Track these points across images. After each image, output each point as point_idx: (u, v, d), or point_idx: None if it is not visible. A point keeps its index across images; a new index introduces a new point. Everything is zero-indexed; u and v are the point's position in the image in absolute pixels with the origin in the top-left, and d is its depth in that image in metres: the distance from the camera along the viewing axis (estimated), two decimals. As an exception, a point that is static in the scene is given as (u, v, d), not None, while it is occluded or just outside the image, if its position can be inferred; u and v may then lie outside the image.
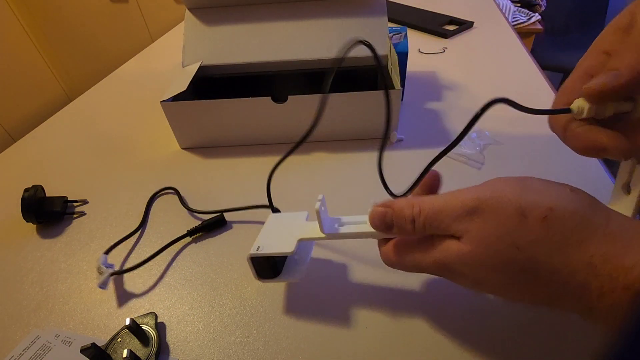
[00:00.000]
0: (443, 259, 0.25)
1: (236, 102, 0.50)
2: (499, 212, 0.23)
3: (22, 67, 0.71)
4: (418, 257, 0.27)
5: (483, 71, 0.68)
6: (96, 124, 0.64)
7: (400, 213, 0.26)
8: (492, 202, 0.23)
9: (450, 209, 0.24)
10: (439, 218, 0.25)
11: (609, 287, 0.20)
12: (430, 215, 0.25)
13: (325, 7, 0.57)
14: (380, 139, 0.54)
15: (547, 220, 0.21)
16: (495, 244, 0.22)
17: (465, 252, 0.24)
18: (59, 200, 0.46)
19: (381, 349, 0.31)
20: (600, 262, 0.20)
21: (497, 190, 0.23)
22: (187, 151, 0.55)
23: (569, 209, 0.22)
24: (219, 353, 0.32)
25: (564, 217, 0.21)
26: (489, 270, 0.23)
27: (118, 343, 0.32)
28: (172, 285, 0.37)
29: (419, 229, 0.26)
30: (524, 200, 0.22)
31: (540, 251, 0.21)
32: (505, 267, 0.23)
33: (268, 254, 0.31)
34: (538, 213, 0.22)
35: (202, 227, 0.42)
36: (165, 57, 0.85)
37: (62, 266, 0.40)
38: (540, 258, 0.21)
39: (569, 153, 0.48)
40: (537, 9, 1.77)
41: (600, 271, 0.20)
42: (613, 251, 0.20)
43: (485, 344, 0.30)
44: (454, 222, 0.24)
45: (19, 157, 0.58)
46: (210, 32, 0.57)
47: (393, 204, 0.27)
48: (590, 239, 0.21)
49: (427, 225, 0.25)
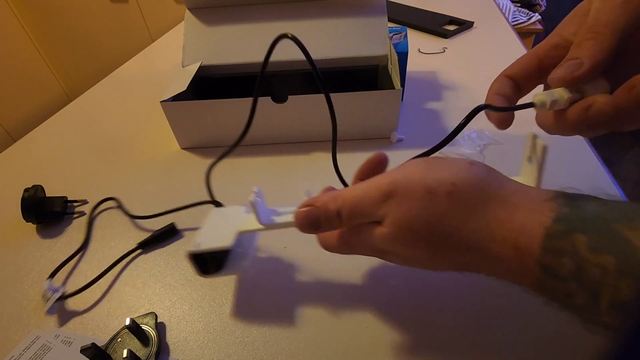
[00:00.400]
0: (372, 243, 0.27)
1: (236, 102, 0.50)
2: (410, 193, 0.24)
3: (22, 67, 0.70)
4: (353, 241, 0.28)
5: (483, 71, 0.68)
6: (96, 124, 0.64)
7: (325, 209, 0.27)
8: (404, 185, 0.25)
9: (369, 197, 0.26)
10: (361, 206, 0.26)
11: (503, 248, 0.22)
12: (353, 205, 0.26)
13: (325, 7, 0.57)
14: (380, 138, 0.54)
15: (452, 195, 0.23)
16: (411, 223, 0.24)
17: (387, 235, 0.25)
18: (59, 200, 0.46)
19: (381, 349, 0.31)
20: (496, 227, 0.22)
21: (407, 173, 0.25)
22: (187, 151, 0.55)
23: (469, 181, 0.24)
24: (219, 353, 0.32)
25: (465, 190, 0.23)
26: (411, 247, 0.25)
27: (118, 343, 0.32)
28: (172, 285, 0.37)
29: (345, 221, 0.27)
30: (430, 179, 0.24)
31: (449, 223, 0.23)
32: (423, 243, 0.24)
33: (207, 250, 0.30)
34: (443, 189, 0.24)
35: (153, 238, 0.41)
36: (165, 57, 0.85)
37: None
38: (451, 230, 0.23)
39: (568, 152, 0.48)
40: (537, 9, 1.77)
41: (496, 235, 0.22)
42: (506, 215, 0.22)
43: (485, 343, 0.30)
44: (374, 209, 0.25)
45: (19, 157, 0.58)
46: (210, 32, 0.57)
47: (316, 201, 0.28)
48: (487, 206, 0.23)
49: (352, 216, 0.27)
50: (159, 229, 0.42)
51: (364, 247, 0.28)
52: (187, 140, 0.55)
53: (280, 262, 0.39)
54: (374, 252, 0.28)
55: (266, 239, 0.41)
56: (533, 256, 0.21)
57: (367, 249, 0.28)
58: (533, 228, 0.21)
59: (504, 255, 0.22)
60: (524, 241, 0.21)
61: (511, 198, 0.23)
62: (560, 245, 0.20)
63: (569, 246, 0.19)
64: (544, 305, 0.23)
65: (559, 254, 0.20)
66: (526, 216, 0.22)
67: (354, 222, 0.27)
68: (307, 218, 0.28)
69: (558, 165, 0.47)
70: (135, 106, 0.67)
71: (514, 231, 0.22)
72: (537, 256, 0.20)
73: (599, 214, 0.20)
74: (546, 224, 0.21)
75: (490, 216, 0.23)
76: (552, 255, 0.20)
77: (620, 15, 0.25)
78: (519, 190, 0.24)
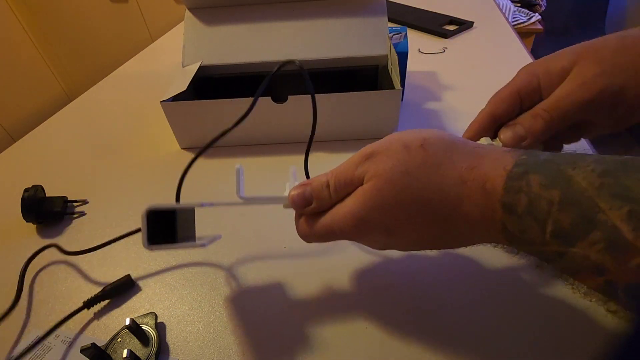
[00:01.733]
0: (353, 209, 0.27)
1: (236, 102, 0.50)
2: (389, 150, 0.27)
3: (22, 67, 0.70)
4: (329, 220, 0.28)
5: (483, 71, 0.68)
6: (96, 124, 0.64)
7: (316, 181, 0.29)
8: (382, 146, 0.27)
9: (352, 162, 0.28)
10: (344, 171, 0.28)
11: (473, 191, 0.24)
12: (337, 173, 0.28)
13: (325, 7, 0.57)
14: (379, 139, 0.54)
15: (424, 146, 0.26)
16: (390, 173, 0.26)
17: (367, 190, 0.26)
18: (59, 200, 0.46)
19: (381, 349, 0.31)
20: (466, 172, 0.24)
21: (385, 138, 0.28)
22: (187, 151, 0.55)
23: (439, 136, 0.27)
24: (219, 353, 0.32)
25: (436, 143, 0.26)
26: (392, 205, 0.26)
27: (118, 343, 0.32)
28: (172, 285, 0.37)
29: (332, 191, 0.28)
30: (406, 137, 0.27)
31: (424, 172, 0.25)
32: (402, 195, 0.25)
33: (169, 207, 0.29)
34: (417, 143, 0.26)
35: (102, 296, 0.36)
36: (165, 57, 0.85)
37: (62, 266, 0.40)
38: (425, 179, 0.25)
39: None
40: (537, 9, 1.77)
41: (466, 179, 0.24)
42: (474, 162, 0.25)
43: (486, 342, 0.30)
44: (357, 170, 0.27)
45: (19, 157, 0.58)
46: (210, 32, 0.57)
47: (311, 180, 0.30)
48: (457, 155, 0.25)
49: (337, 184, 0.28)
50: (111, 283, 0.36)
51: (344, 221, 0.27)
52: (187, 140, 0.55)
53: (280, 262, 0.39)
54: (349, 225, 0.27)
55: (266, 239, 0.41)
56: (497, 196, 0.23)
57: (347, 222, 0.27)
58: (497, 172, 0.23)
59: (474, 198, 0.24)
60: (490, 183, 0.23)
61: (477, 150, 0.26)
62: (518, 184, 0.22)
63: (524, 185, 0.22)
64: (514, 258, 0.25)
65: (516, 192, 0.22)
66: (491, 163, 0.24)
67: (342, 191, 0.28)
68: (301, 193, 0.29)
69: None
70: (135, 106, 0.67)
71: (481, 175, 0.24)
72: (500, 196, 0.23)
73: (550, 158, 0.23)
74: (508, 168, 0.23)
75: (461, 163, 0.25)
76: (512, 193, 0.22)
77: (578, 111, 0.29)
78: (482, 145, 0.26)
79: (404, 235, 0.27)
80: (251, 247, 0.40)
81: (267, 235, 0.41)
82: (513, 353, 0.30)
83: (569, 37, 1.89)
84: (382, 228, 0.27)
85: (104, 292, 0.36)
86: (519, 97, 0.32)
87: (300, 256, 0.39)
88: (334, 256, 0.39)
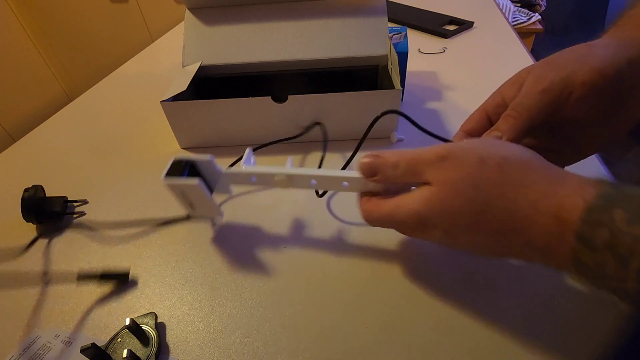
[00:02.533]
0: (417, 207, 0.28)
1: (236, 102, 0.50)
2: (463, 158, 0.27)
3: (22, 67, 0.71)
4: (393, 209, 0.30)
5: (483, 71, 0.68)
6: (96, 123, 0.64)
7: (385, 157, 0.30)
8: (458, 151, 0.28)
9: (425, 157, 0.29)
10: (416, 164, 0.29)
11: (543, 218, 0.24)
12: (410, 159, 0.29)
13: (325, 7, 0.57)
14: (380, 138, 0.54)
15: (502, 166, 0.26)
16: (459, 184, 0.26)
17: (434, 193, 0.27)
18: (59, 200, 0.46)
19: (381, 349, 0.31)
20: (540, 198, 0.24)
21: (462, 143, 0.29)
22: (187, 151, 0.55)
23: (519, 157, 0.27)
24: (219, 353, 0.32)
25: (514, 164, 0.26)
26: (454, 211, 0.27)
27: (118, 343, 0.32)
28: (172, 285, 0.37)
29: (399, 173, 0.30)
30: (484, 150, 0.27)
31: (494, 191, 0.26)
32: (467, 205, 0.26)
33: (190, 158, 0.36)
34: (494, 160, 0.26)
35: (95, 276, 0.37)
36: (165, 57, 0.85)
37: (62, 266, 0.40)
38: (495, 197, 0.25)
39: (569, 153, 0.48)
40: (537, 9, 1.77)
41: (538, 205, 0.24)
42: (550, 189, 0.24)
43: (487, 341, 0.30)
44: (428, 168, 0.28)
45: (19, 157, 0.58)
46: (210, 32, 0.57)
47: (381, 152, 0.31)
48: (533, 181, 0.25)
49: (407, 170, 0.29)
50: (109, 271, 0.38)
51: (407, 216, 0.29)
52: (187, 140, 0.55)
53: (280, 262, 0.39)
54: (412, 219, 0.29)
55: (266, 239, 0.41)
56: (572, 227, 0.22)
57: (409, 218, 0.29)
58: (575, 202, 0.23)
59: (543, 225, 0.24)
60: (565, 213, 0.23)
61: (555, 176, 0.25)
62: (598, 217, 0.22)
63: (606, 219, 0.21)
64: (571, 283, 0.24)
65: (596, 226, 0.21)
66: (570, 192, 0.24)
67: (406, 177, 0.29)
68: (369, 163, 0.31)
69: (558, 165, 0.47)
70: (135, 106, 0.67)
71: (556, 204, 0.23)
72: (575, 227, 0.22)
73: (638, 194, 0.22)
74: (588, 199, 0.22)
75: (535, 189, 0.25)
76: (590, 226, 0.22)
77: (538, 101, 0.31)
78: (563, 171, 0.26)
79: (459, 240, 0.28)
80: (251, 247, 0.40)
81: (267, 236, 0.41)
82: (516, 352, 0.30)
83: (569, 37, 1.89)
84: (440, 230, 0.28)
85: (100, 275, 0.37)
86: (485, 114, 0.35)
87: (300, 256, 0.39)
88: (333, 257, 0.39)
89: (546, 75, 0.31)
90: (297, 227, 0.42)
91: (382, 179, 0.31)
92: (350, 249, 0.39)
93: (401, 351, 0.31)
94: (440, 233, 0.28)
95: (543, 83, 0.31)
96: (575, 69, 0.30)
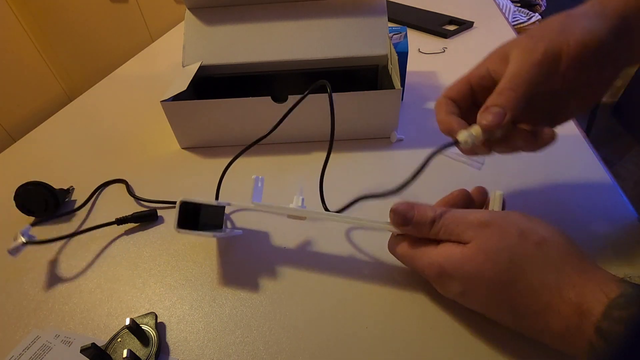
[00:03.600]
0: (442, 261, 0.29)
1: (236, 102, 0.50)
2: (504, 229, 0.28)
3: (22, 67, 0.71)
4: (427, 252, 0.30)
5: (483, 71, 0.68)
6: (96, 123, 0.64)
7: (423, 213, 0.30)
8: (500, 221, 0.28)
9: (467, 220, 0.29)
10: (457, 224, 0.29)
11: (565, 307, 0.24)
12: (450, 221, 0.29)
13: (325, 7, 0.57)
14: (380, 138, 0.54)
15: (541, 245, 0.27)
16: (495, 253, 0.27)
17: (467, 255, 0.28)
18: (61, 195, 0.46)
19: (381, 349, 0.31)
20: (566, 287, 0.25)
21: (505, 214, 0.29)
22: (187, 151, 0.55)
23: (558, 242, 0.27)
24: (219, 353, 0.32)
25: (553, 247, 0.27)
26: (480, 278, 0.27)
27: (118, 343, 0.32)
28: (172, 285, 0.37)
29: (434, 231, 0.30)
30: (526, 225, 0.28)
31: (528, 268, 0.26)
32: (496, 276, 0.27)
33: (198, 201, 0.35)
34: (535, 238, 0.27)
35: (131, 218, 0.43)
36: (165, 57, 0.85)
37: (62, 266, 0.40)
38: (526, 274, 0.26)
39: (568, 152, 0.48)
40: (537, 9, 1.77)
41: (563, 294, 0.25)
42: (578, 282, 0.25)
43: (487, 340, 0.30)
44: (468, 229, 0.28)
45: (19, 157, 0.58)
46: (210, 32, 0.57)
47: (416, 204, 0.31)
48: (565, 268, 0.26)
49: (443, 229, 0.29)
50: (139, 212, 0.44)
51: (428, 265, 0.30)
52: (187, 140, 0.55)
53: (280, 263, 0.39)
54: (433, 268, 0.29)
55: (266, 240, 0.41)
56: (592, 320, 0.23)
57: (430, 268, 0.30)
58: (597, 297, 0.24)
59: (564, 313, 0.24)
60: (587, 306, 0.24)
61: (587, 268, 0.26)
62: (619, 314, 0.22)
63: (626, 316, 0.22)
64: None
65: (616, 322, 0.22)
66: (594, 286, 0.24)
67: (440, 236, 0.30)
68: (404, 213, 0.31)
69: (558, 165, 0.47)
70: (136, 106, 0.67)
71: (580, 295, 0.24)
72: (595, 320, 0.23)
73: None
74: (611, 296, 0.23)
75: (565, 278, 0.25)
76: (610, 322, 0.22)
77: (535, 73, 0.30)
78: (594, 264, 0.27)
79: (473, 302, 0.29)
80: (251, 248, 0.40)
81: (268, 236, 0.41)
82: (515, 354, 0.30)
83: (569, 37, 1.88)
84: (459, 288, 0.29)
85: (133, 216, 0.43)
86: (469, 84, 0.35)
87: (300, 256, 0.39)
88: (333, 258, 0.39)
89: (537, 47, 0.30)
90: (297, 228, 0.42)
91: (415, 232, 0.31)
92: (350, 249, 0.39)
93: (401, 351, 0.31)
94: (458, 291, 0.29)
95: (536, 54, 0.30)
96: (560, 40, 0.30)
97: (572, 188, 0.43)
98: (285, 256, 0.39)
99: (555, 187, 0.44)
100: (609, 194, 0.42)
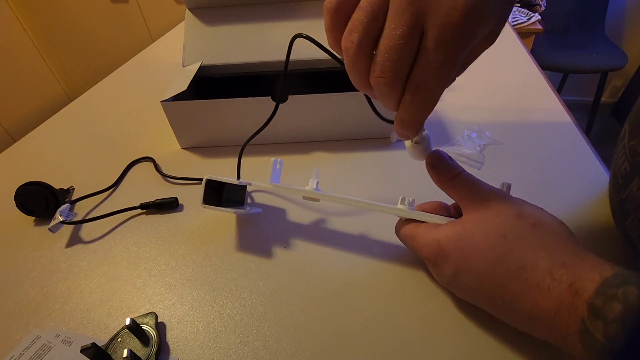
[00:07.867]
0: (440, 238, 0.30)
1: (236, 102, 0.50)
2: (502, 208, 0.29)
3: (22, 67, 0.71)
4: (419, 232, 0.32)
5: (482, 71, 0.68)
6: (96, 123, 0.64)
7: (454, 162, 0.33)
8: (498, 200, 0.30)
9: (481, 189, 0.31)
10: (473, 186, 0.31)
11: (558, 285, 0.24)
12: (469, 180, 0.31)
13: (325, 7, 0.57)
14: (380, 138, 0.54)
15: (536, 227, 0.28)
16: (490, 228, 0.28)
17: (465, 230, 0.29)
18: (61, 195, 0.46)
19: (381, 349, 0.31)
20: (558, 267, 0.25)
21: (502, 195, 0.30)
22: (187, 151, 0.55)
23: (552, 225, 0.28)
24: (219, 353, 0.32)
25: (547, 229, 0.28)
26: (474, 251, 0.28)
27: (118, 343, 0.32)
28: (172, 285, 0.37)
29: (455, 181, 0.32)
30: (523, 208, 0.29)
31: (520, 246, 0.27)
32: (488, 250, 0.28)
33: (222, 180, 0.38)
34: (531, 220, 0.28)
35: (154, 205, 0.45)
36: (165, 57, 0.85)
37: (62, 266, 0.40)
38: (518, 252, 0.27)
39: (568, 152, 0.48)
40: (537, 9, 1.77)
41: (555, 273, 0.25)
42: (571, 262, 0.25)
43: (487, 341, 0.30)
44: (478, 197, 0.30)
45: (19, 157, 0.58)
46: (210, 32, 0.57)
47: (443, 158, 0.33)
48: (559, 249, 0.26)
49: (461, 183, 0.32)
50: (162, 198, 0.46)
51: (432, 240, 0.31)
52: (187, 140, 0.55)
53: (280, 262, 0.39)
54: (431, 247, 0.31)
55: (266, 240, 0.41)
56: (584, 297, 0.23)
57: (432, 243, 0.31)
58: (591, 276, 0.24)
59: (554, 292, 0.24)
60: (580, 283, 0.24)
61: (581, 252, 0.26)
62: (613, 292, 0.22)
63: (620, 294, 0.22)
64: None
65: (610, 298, 0.22)
66: (587, 267, 0.24)
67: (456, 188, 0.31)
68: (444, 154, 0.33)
69: (558, 165, 0.47)
70: (136, 106, 0.67)
71: (572, 274, 0.24)
72: (588, 298, 0.23)
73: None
74: (604, 275, 0.23)
75: (558, 259, 0.26)
76: (603, 298, 0.22)
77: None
78: (586, 250, 0.27)
79: (466, 282, 0.29)
80: (251, 247, 0.40)
81: (268, 236, 0.42)
82: (515, 354, 0.30)
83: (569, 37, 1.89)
84: (453, 266, 0.29)
85: (155, 203, 0.46)
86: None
87: (300, 256, 0.39)
88: (333, 257, 0.39)
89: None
90: (297, 228, 0.42)
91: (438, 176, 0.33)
92: (350, 249, 0.39)
93: (401, 351, 0.31)
94: (451, 270, 0.29)
95: None
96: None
97: (572, 188, 0.44)
98: (286, 256, 0.39)
99: (555, 187, 0.44)
100: (606, 192, 0.42)
